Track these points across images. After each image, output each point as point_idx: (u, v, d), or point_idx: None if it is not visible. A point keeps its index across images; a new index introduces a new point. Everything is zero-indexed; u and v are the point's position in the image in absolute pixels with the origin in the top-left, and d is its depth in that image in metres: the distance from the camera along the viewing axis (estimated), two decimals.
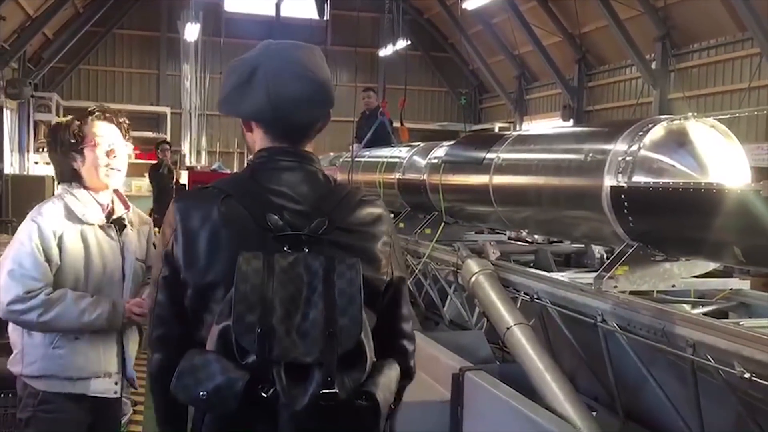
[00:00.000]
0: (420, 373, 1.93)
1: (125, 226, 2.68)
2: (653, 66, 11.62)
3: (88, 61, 16.40)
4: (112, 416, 2.76)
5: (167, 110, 16.08)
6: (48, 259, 2.48)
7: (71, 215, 2.55)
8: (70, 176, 2.63)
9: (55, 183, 2.77)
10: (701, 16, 10.70)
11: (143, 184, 15.30)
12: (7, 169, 12.26)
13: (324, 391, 1.45)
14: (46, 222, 2.50)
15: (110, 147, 2.63)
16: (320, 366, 1.46)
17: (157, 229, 2.30)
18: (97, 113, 2.66)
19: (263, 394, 1.45)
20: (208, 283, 1.57)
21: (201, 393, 1.48)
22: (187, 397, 1.51)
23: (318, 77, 1.66)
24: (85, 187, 2.62)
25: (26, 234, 2.49)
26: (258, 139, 1.71)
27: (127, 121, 2.75)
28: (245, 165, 1.83)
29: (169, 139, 15.73)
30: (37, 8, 12.54)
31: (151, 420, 5.30)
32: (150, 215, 11.83)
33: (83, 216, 2.56)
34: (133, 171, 15.95)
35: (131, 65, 16.79)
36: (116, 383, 2.65)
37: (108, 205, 2.66)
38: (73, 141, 2.59)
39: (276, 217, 1.56)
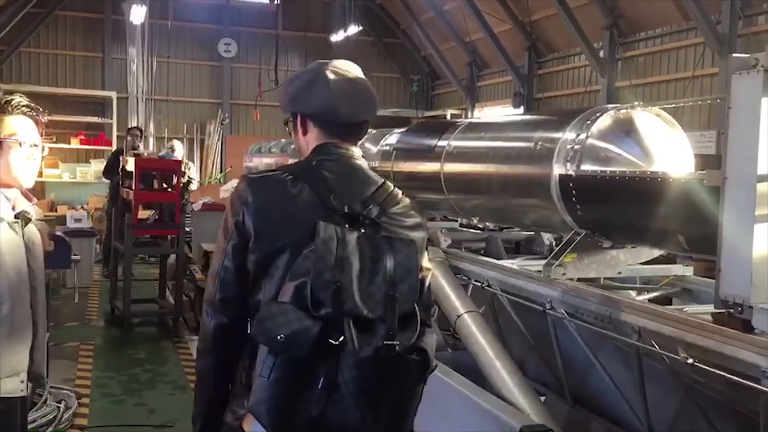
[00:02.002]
0: None
1: (30, 220, 2.54)
2: (601, 54, 11.78)
3: (29, 43, 15.81)
4: (19, 412, 2.60)
5: (113, 95, 15.64)
6: None
7: None
8: None
9: None
10: (648, 6, 10.88)
11: (89, 170, 14.92)
12: None
13: (386, 342, 1.71)
14: None
15: (31, 149, 2.50)
16: (383, 322, 1.72)
17: None
18: (23, 107, 2.50)
19: (333, 342, 1.69)
20: (275, 250, 1.82)
21: (279, 335, 1.69)
22: (266, 339, 1.72)
23: (367, 84, 2.01)
24: None
25: None
26: (312, 138, 1.99)
27: (46, 119, 2.59)
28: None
29: (115, 125, 15.40)
30: None
31: (96, 412, 5.22)
32: (110, 202, 10.95)
33: None
34: (78, 157, 15.57)
35: (75, 48, 16.25)
36: (22, 381, 2.53)
37: (12, 198, 2.52)
38: None
39: (338, 200, 1.84)
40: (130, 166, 7.67)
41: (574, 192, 3.44)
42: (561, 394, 3.85)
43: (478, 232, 5.56)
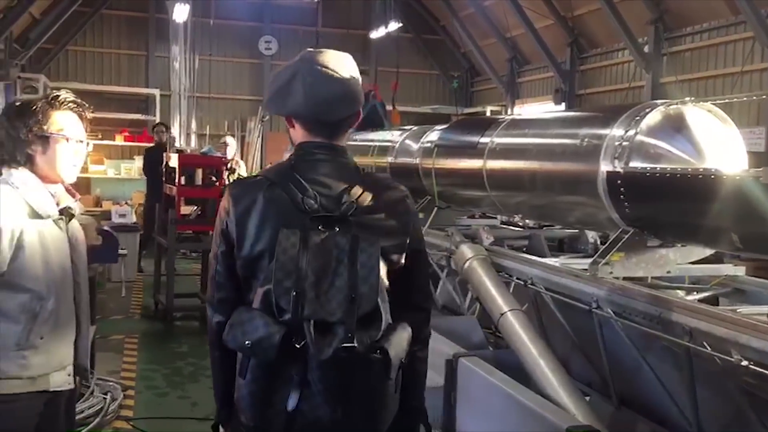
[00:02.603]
0: None
1: (73, 215, 2.57)
2: (646, 49, 11.55)
3: (76, 42, 16.12)
4: (64, 406, 2.64)
5: (156, 92, 15.87)
6: None
7: (30, 210, 2.41)
8: (23, 161, 2.46)
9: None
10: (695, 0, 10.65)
11: (133, 166, 15.17)
12: None
13: (344, 344, 1.76)
14: (5, 222, 2.35)
15: (77, 144, 2.53)
16: (343, 324, 1.77)
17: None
18: (69, 103, 2.53)
19: (296, 346, 1.77)
20: (256, 254, 1.89)
21: (246, 342, 1.80)
22: (235, 345, 1.84)
23: (347, 80, 1.97)
24: (35, 174, 2.47)
25: None
26: (299, 134, 2.02)
27: (90, 115, 2.62)
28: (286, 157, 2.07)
29: (158, 121, 15.62)
30: None
31: (141, 404, 5.30)
32: (146, 199, 11.27)
33: (45, 213, 2.44)
34: (123, 154, 15.85)
35: (119, 46, 16.53)
36: (69, 374, 2.57)
37: (56, 194, 2.54)
38: (40, 126, 2.44)
39: (312, 201, 1.87)
40: (173, 162, 7.78)
41: (622, 189, 3.37)
42: (606, 394, 3.79)
43: (519, 229, 5.51)
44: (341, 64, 1.98)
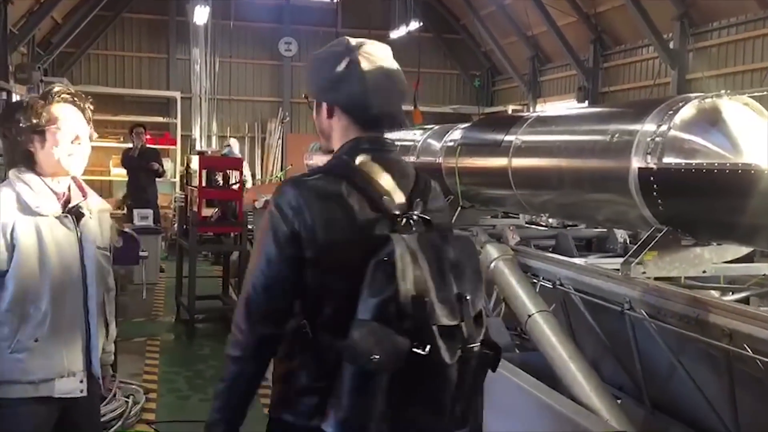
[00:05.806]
0: None
1: (83, 215, 2.49)
2: (671, 45, 11.36)
3: (98, 46, 16.24)
4: (83, 414, 2.56)
5: (177, 95, 15.92)
6: None
7: (24, 207, 2.37)
8: (23, 160, 2.44)
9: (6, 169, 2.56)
10: None
11: None
12: None
13: (469, 345, 1.72)
14: None
15: (75, 133, 2.46)
16: (462, 326, 1.71)
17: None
18: (63, 95, 2.49)
19: (422, 352, 1.65)
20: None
21: (372, 357, 1.64)
22: (361, 362, 1.66)
23: (399, 72, 1.90)
24: (38, 173, 2.44)
25: None
26: (340, 125, 1.87)
27: (91, 107, 2.56)
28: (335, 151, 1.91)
29: (179, 124, 15.68)
30: None
31: (163, 407, 5.26)
32: (123, 201, 11.57)
33: (37, 208, 2.38)
34: None
35: (141, 49, 16.62)
36: (81, 381, 2.48)
37: (64, 193, 2.49)
38: (34, 121, 2.40)
39: (388, 199, 1.78)
40: (194, 164, 7.75)
41: (655, 186, 3.26)
42: (638, 398, 3.67)
43: (544, 229, 5.39)
44: (387, 54, 1.90)
